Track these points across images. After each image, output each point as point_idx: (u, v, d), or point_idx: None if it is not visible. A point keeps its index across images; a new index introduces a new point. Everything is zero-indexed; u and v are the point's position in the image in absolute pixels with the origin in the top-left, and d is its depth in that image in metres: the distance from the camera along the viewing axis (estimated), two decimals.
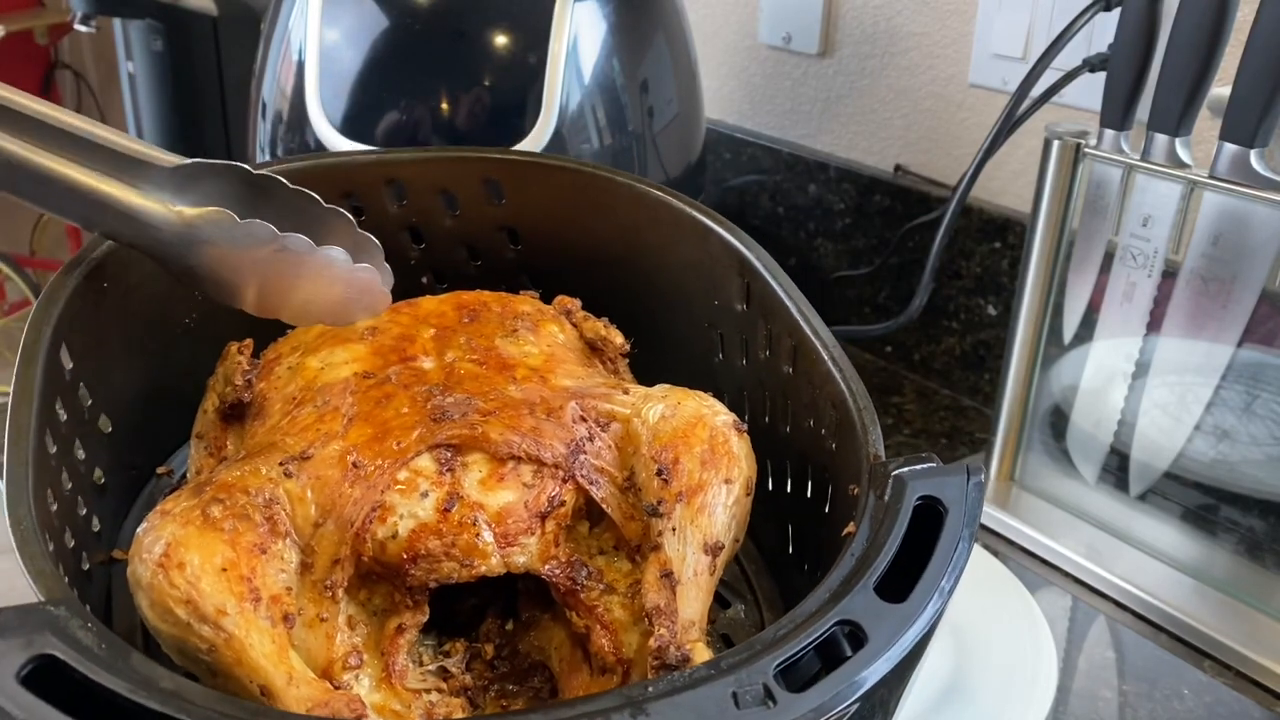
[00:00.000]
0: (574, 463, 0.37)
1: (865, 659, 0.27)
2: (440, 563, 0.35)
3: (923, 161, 0.93)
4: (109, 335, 0.42)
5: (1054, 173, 0.67)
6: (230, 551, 0.32)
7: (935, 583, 0.29)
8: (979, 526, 0.72)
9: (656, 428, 0.38)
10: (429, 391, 0.38)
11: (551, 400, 0.39)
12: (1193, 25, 0.58)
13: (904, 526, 0.30)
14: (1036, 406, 0.73)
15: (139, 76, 1.20)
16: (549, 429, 0.37)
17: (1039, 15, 0.81)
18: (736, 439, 0.39)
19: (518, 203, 0.49)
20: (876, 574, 0.29)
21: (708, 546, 0.36)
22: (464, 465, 0.36)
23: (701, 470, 0.37)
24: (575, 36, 0.68)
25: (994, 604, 0.63)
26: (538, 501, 0.36)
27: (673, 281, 0.47)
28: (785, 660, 0.26)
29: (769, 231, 1.04)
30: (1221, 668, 0.61)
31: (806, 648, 0.27)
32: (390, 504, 0.35)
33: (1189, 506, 0.69)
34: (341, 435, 0.37)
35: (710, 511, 0.36)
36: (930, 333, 0.92)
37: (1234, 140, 0.58)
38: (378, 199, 0.49)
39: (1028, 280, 0.70)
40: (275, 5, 0.74)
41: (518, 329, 0.43)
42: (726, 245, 0.44)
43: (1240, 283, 0.60)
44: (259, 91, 0.75)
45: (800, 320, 0.40)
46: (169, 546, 0.32)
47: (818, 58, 1.00)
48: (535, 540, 0.35)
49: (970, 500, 0.31)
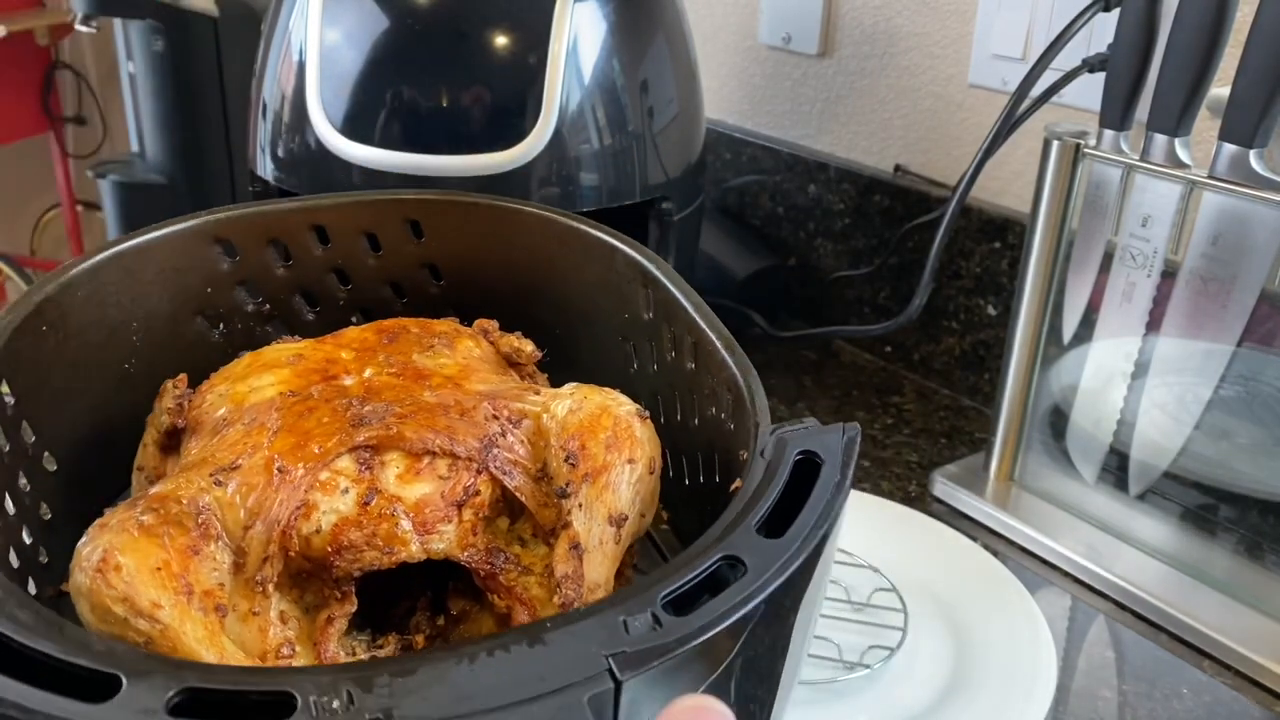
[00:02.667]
0: (487, 456, 0.40)
1: (744, 585, 0.29)
2: (363, 552, 0.37)
3: (922, 162, 0.93)
4: (50, 377, 0.44)
5: (1053, 173, 0.67)
6: (164, 553, 0.34)
7: (810, 520, 0.31)
8: (968, 520, 0.73)
9: (565, 420, 0.41)
10: (349, 403, 0.41)
11: (465, 402, 0.41)
12: (1192, 25, 0.58)
13: (784, 477, 0.33)
14: (1036, 406, 0.73)
15: (139, 77, 1.20)
16: (462, 427, 0.40)
17: (1038, 15, 0.82)
18: (639, 425, 0.41)
19: (437, 240, 0.52)
20: (758, 517, 0.31)
21: (612, 518, 0.39)
22: (382, 463, 0.38)
23: (606, 453, 0.40)
24: (575, 37, 0.68)
25: (994, 604, 0.63)
26: (453, 492, 0.38)
27: (586, 301, 0.49)
28: (672, 591, 0.29)
29: (769, 231, 1.04)
30: (1221, 667, 0.61)
31: (692, 580, 0.29)
32: (313, 501, 0.37)
33: (1188, 506, 0.69)
34: (267, 446, 0.39)
35: (615, 488, 0.39)
36: (930, 333, 0.92)
37: (1233, 140, 0.58)
38: (303, 244, 0.51)
39: (1027, 280, 0.70)
40: (276, 6, 0.74)
41: (434, 345, 0.46)
42: (630, 260, 0.47)
43: (1240, 283, 0.60)
44: (259, 92, 0.75)
45: (697, 318, 0.43)
46: (106, 553, 0.34)
47: (818, 58, 1.00)
48: (453, 528, 0.38)
49: (844, 453, 0.34)
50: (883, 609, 0.62)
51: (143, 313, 0.48)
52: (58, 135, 2.60)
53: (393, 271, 0.53)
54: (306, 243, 0.51)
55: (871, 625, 0.61)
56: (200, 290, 0.50)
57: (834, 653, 0.59)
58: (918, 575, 0.65)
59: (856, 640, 0.60)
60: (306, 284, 0.53)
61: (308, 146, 0.70)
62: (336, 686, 0.25)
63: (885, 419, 0.86)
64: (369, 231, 0.52)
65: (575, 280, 0.49)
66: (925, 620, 0.62)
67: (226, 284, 0.51)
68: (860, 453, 0.84)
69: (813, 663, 0.58)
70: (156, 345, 0.49)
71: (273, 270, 0.52)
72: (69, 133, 2.66)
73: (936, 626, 0.62)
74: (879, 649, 0.59)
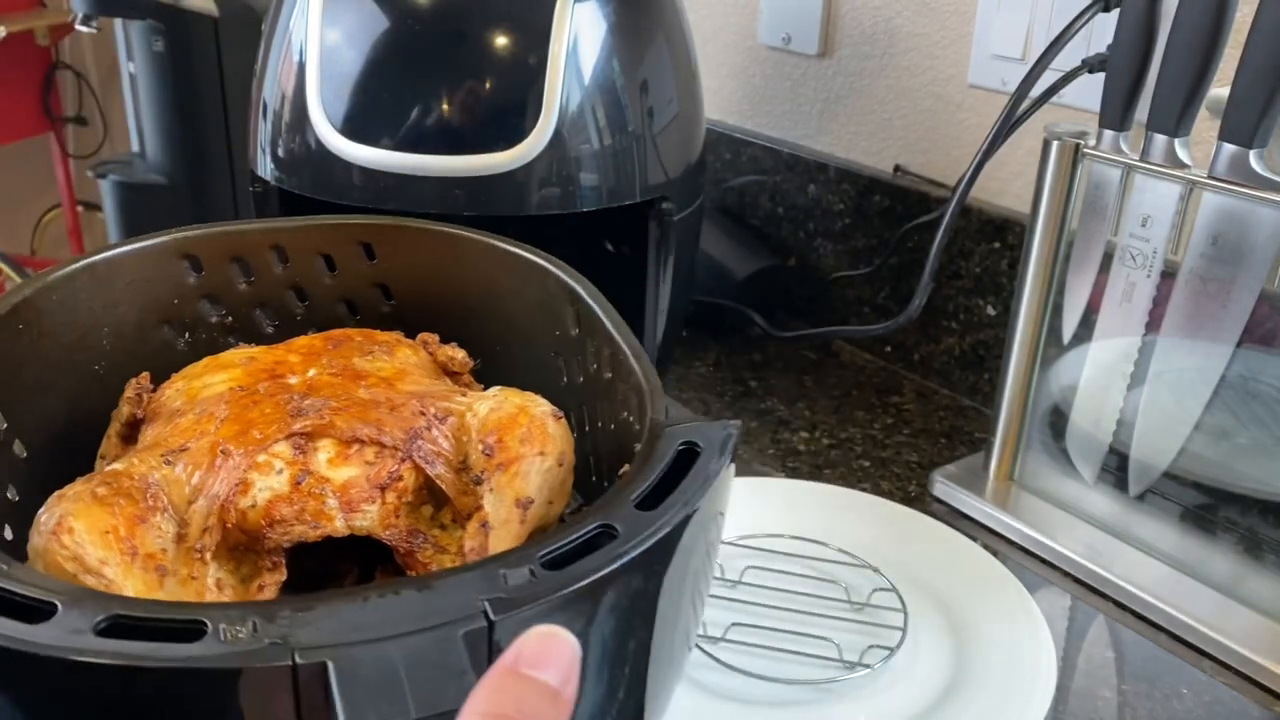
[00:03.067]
0: (411, 446, 0.44)
1: (614, 546, 0.33)
2: (292, 525, 0.42)
3: (922, 162, 0.93)
4: (23, 372, 0.47)
5: (1053, 173, 0.67)
6: (113, 519, 0.38)
7: (681, 498, 0.35)
8: None
9: (485, 418, 0.45)
10: (290, 397, 0.45)
11: (395, 400, 0.46)
12: (1192, 26, 0.58)
13: (665, 462, 0.37)
14: (1036, 406, 0.73)
15: (140, 77, 1.20)
16: (390, 420, 0.44)
17: (1038, 16, 0.82)
18: (553, 423, 0.46)
19: (388, 262, 0.56)
20: (636, 494, 0.35)
21: (519, 501, 0.43)
22: (315, 449, 0.43)
23: (520, 446, 0.44)
24: (575, 37, 0.68)
25: (993, 604, 0.63)
26: (378, 476, 0.43)
27: (524, 319, 0.53)
28: (550, 552, 0.33)
29: (769, 231, 1.04)
30: (1221, 667, 0.61)
31: (569, 543, 0.33)
32: (251, 480, 0.42)
33: (1188, 506, 0.69)
34: (214, 432, 0.43)
35: (524, 476, 0.43)
36: (930, 333, 0.92)
37: (1233, 140, 0.58)
38: (265, 262, 0.55)
39: (1027, 280, 0.70)
40: (276, 6, 0.74)
41: (374, 351, 0.51)
42: (560, 281, 0.51)
43: (1239, 283, 0.60)
44: (260, 92, 0.75)
45: (613, 331, 0.47)
46: (61, 518, 0.38)
47: (817, 58, 1.00)
48: (376, 508, 0.43)
49: (721, 444, 0.38)
50: (882, 609, 0.62)
51: (113, 319, 0.52)
52: (58, 135, 2.60)
53: (347, 290, 0.57)
54: (267, 261, 0.55)
55: (871, 625, 0.62)
56: (167, 301, 0.54)
57: (834, 652, 0.59)
58: (917, 575, 0.66)
59: (856, 640, 0.60)
60: (266, 299, 0.56)
61: (308, 147, 0.71)
62: (244, 618, 0.29)
63: (885, 419, 0.86)
64: (325, 253, 0.56)
65: (514, 301, 0.53)
66: (925, 620, 0.62)
67: (192, 297, 0.54)
68: (860, 453, 0.84)
69: (812, 662, 0.58)
70: (125, 350, 0.52)
71: (235, 286, 0.55)
72: (69, 133, 2.66)
73: (936, 626, 0.62)
74: (879, 649, 0.59)
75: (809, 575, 0.65)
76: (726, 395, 0.89)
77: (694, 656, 0.58)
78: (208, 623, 0.28)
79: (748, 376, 0.93)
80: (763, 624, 0.61)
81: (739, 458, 0.80)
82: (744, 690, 0.57)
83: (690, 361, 0.95)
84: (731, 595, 0.63)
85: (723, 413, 0.86)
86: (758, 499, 0.72)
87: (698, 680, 0.57)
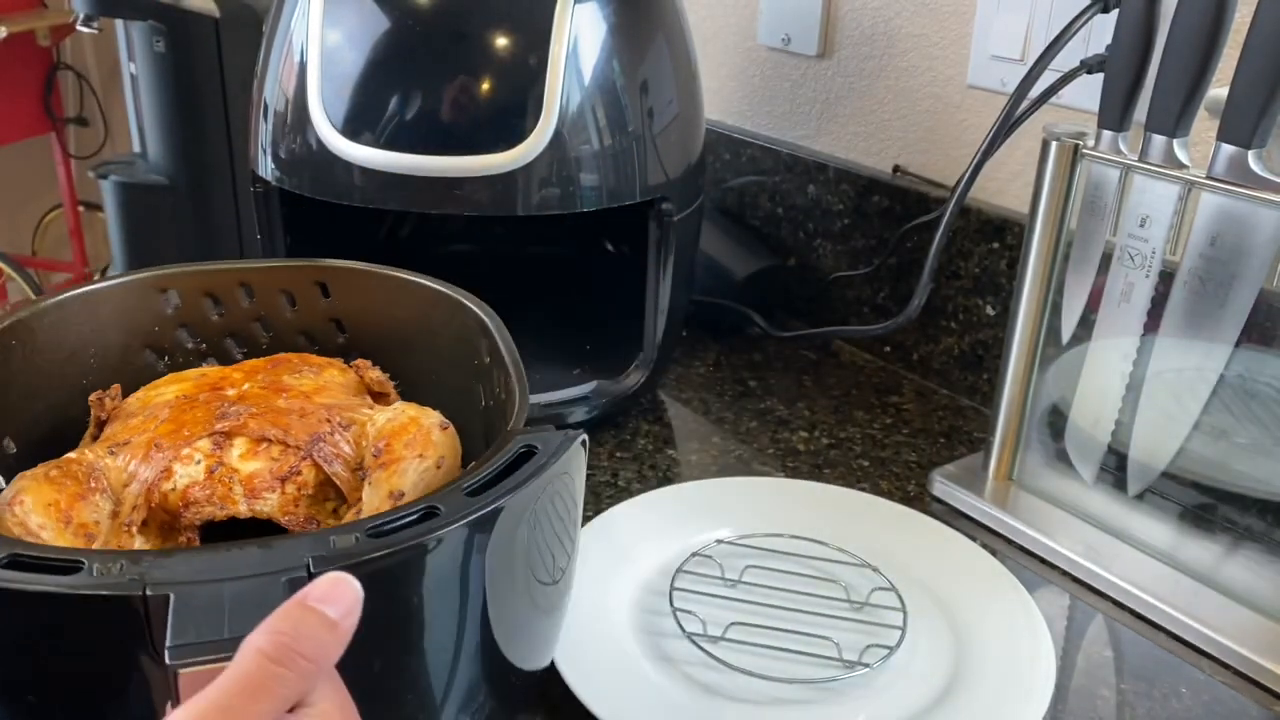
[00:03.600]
0: (312, 447, 0.52)
1: (435, 523, 0.39)
2: (204, 507, 0.50)
3: (921, 162, 0.93)
4: (15, 381, 0.55)
5: (1052, 173, 0.67)
6: (56, 495, 0.46)
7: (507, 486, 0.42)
8: None
9: (381, 427, 0.52)
10: (221, 405, 0.53)
11: (307, 409, 0.53)
12: (1191, 26, 0.58)
13: (503, 459, 0.43)
14: (1035, 406, 0.73)
15: (141, 77, 1.20)
16: (298, 425, 0.52)
17: (1037, 17, 0.82)
18: (438, 431, 0.52)
19: (341, 299, 0.63)
20: (469, 484, 0.42)
21: (391, 494, 0.49)
22: (230, 445, 0.51)
23: (403, 449, 0.50)
24: (576, 38, 0.68)
25: (992, 603, 0.63)
26: (279, 469, 0.51)
27: (449, 351, 0.60)
28: (376, 525, 0.39)
29: (768, 232, 1.05)
30: (1219, 666, 0.61)
31: (396, 519, 0.39)
32: (173, 469, 0.50)
33: (1187, 506, 0.69)
34: (153, 430, 0.51)
35: (401, 474, 0.49)
36: (929, 333, 0.92)
37: (1232, 141, 0.58)
38: (233, 297, 0.63)
39: (1026, 280, 0.70)
40: (277, 6, 0.75)
41: (303, 370, 0.58)
42: (475, 316, 0.57)
43: (1238, 283, 0.60)
44: (261, 93, 0.75)
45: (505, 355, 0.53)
46: (16, 492, 0.46)
47: (817, 59, 1.00)
48: (276, 496, 0.51)
49: (557, 447, 0.44)
50: (882, 608, 0.63)
51: (100, 342, 0.59)
52: (59, 136, 2.60)
53: (306, 323, 0.64)
54: (236, 296, 0.63)
55: (871, 624, 0.62)
56: (149, 328, 0.61)
57: (833, 651, 0.59)
58: (917, 574, 0.66)
59: (856, 639, 0.60)
60: (236, 329, 0.63)
61: (309, 147, 0.71)
62: (115, 560, 0.36)
63: (884, 419, 0.87)
64: (287, 289, 0.63)
65: (443, 333, 0.60)
66: (924, 619, 0.62)
67: (170, 325, 0.61)
68: (859, 452, 0.85)
69: (812, 661, 0.58)
70: (110, 369, 0.59)
71: (208, 317, 0.63)
72: (70, 133, 2.67)
73: (936, 625, 0.62)
74: (878, 648, 0.59)
75: (808, 574, 0.66)
76: (726, 395, 0.89)
77: (693, 655, 0.59)
78: (85, 561, 0.36)
79: (747, 376, 0.93)
80: (762, 623, 0.61)
81: (738, 457, 0.80)
82: (744, 689, 0.57)
83: (690, 361, 0.95)
84: (731, 594, 0.64)
85: (723, 412, 0.86)
86: (757, 498, 0.72)
87: (697, 679, 0.57)
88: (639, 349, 0.82)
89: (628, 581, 0.65)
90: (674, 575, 0.64)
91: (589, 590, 0.62)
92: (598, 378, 0.82)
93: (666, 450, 0.80)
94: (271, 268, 0.63)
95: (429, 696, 0.43)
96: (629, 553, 0.66)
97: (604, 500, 0.73)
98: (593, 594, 0.62)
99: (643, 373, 0.81)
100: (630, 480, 0.76)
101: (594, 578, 0.63)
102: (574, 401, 0.80)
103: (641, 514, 0.70)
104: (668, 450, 0.80)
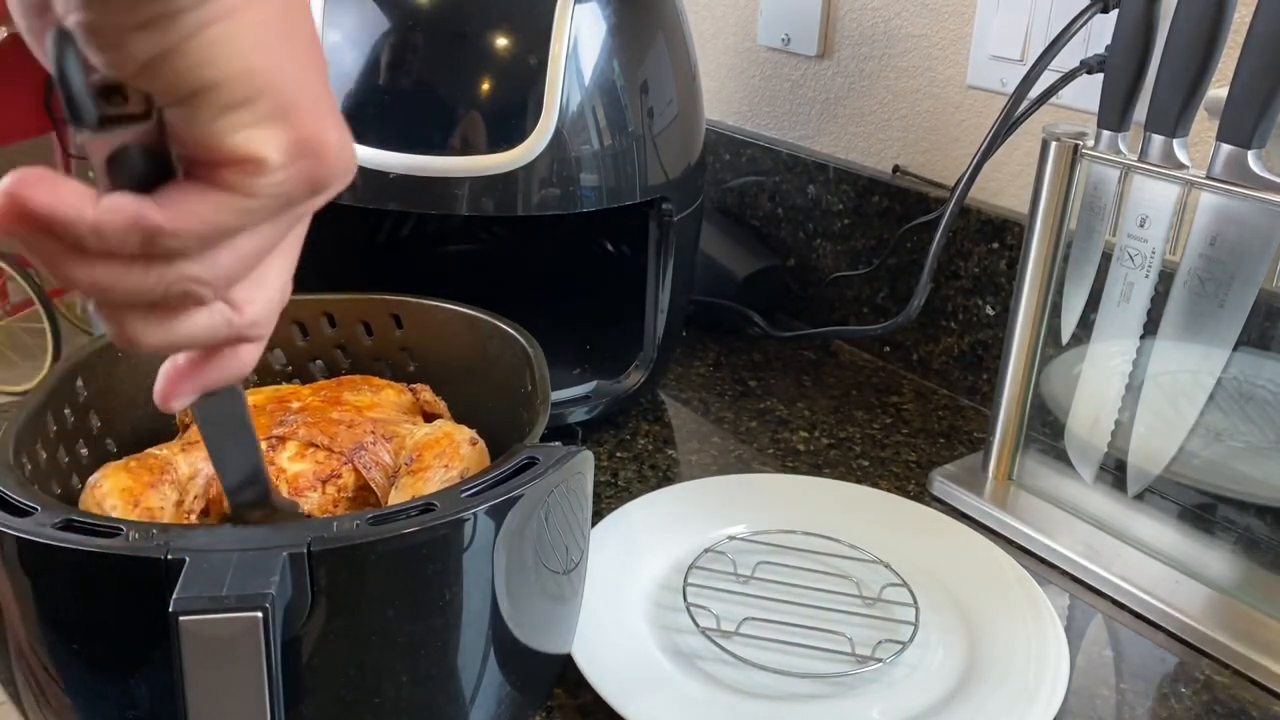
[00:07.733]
0: (355, 454, 0.57)
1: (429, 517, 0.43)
2: None
3: (921, 162, 0.93)
4: (119, 388, 0.61)
5: (1052, 174, 0.67)
6: (131, 482, 0.53)
7: (503, 490, 0.45)
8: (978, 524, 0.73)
9: (419, 440, 0.58)
10: (284, 414, 0.59)
11: (356, 421, 0.59)
12: (1190, 27, 0.58)
13: (505, 469, 0.47)
14: (1034, 406, 0.73)
15: None
16: (344, 434, 0.57)
17: (1037, 17, 0.82)
18: (467, 446, 0.57)
19: (413, 331, 0.69)
20: (469, 487, 0.46)
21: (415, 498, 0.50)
22: (283, 448, 0.57)
23: (433, 459, 0.56)
24: (576, 38, 0.68)
25: (1005, 599, 0.63)
26: (322, 471, 0.56)
27: (503, 380, 0.64)
28: (378, 516, 0.43)
29: (768, 232, 1.05)
30: (1219, 666, 0.61)
31: (396, 512, 0.44)
32: None
33: (1186, 506, 0.69)
34: None
35: (426, 480, 0.54)
36: (929, 333, 0.92)
37: (1231, 141, 0.58)
38: (318, 325, 0.69)
39: (1025, 280, 0.70)
40: None
41: (362, 389, 0.63)
42: (521, 347, 0.63)
43: (1237, 283, 0.60)
44: None
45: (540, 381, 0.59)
46: (99, 479, 0.53)
47: (816, 59, 1.00)
48: (317, 495, 0.56)
49: (557, 460, 0.48)
50: (894, 604, 0.63)
51: None
52: (60, 136, 2.60)
53: (381, 351, 0.70)
54: (320, 325, 0.69)
55: (883, 620, 0.62)
56: None
57: (846, 646, 0.59)
58: (929, 570, 0.66)
59: (868, 634, 0.60)
60: (319, 354, 0.70)
61: None
62: (148, 530, 0.42)
63: (884, 419, 0.87)
64: (365, 320, 0.70)
65: (497, 363, 0.65)
66: (937, 615, 0.62)
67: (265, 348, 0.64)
68: (859, 452, 0.85)
69: (825, 656, 0.59)
70: None
71: (295, 342, 0.69)
72: (71, 133, 2.66)
73: (948, 621, 0.62)
74: (891, 643, 0.59)
75: (821, 570, 0.66)
76: (726, 395, 0.89)
77: (707, 650, 0.59)
78: (123, 528, 0.42)
79: (747, 376, 0.93)
80: (775, 618, 0.61)
81: (737, 457, 0.80)
82: (757, 684, 0.57)
83: (690, 361, 0.95)
84: (744, 590, 0.64)
85: (723, 412, 0.86)
86: (769, 496, 0.72)
87: (711, 674, 0.58)
88: (639, 349, 0.82)
89: (642, 577, 0.65)
90: (687, 571, 0.64)
91: (604, 585, 0.62)
92: (598, 378, 0.82)
93: (666, 450, 0.81)
94: (352, 300, 0.69)
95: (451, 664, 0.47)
96: (643, 549, 0.67)
97: (604, 500, 0.73)
98: (608, 589, 0.62)
99: (643, 373, 0.81)
100: (630, 480, 0.76)
101: (609, 573, 0.64)
102: (574, 401, 0.80)
103: (654, 511, 0.70)
104: (668, 450, 0.81)
